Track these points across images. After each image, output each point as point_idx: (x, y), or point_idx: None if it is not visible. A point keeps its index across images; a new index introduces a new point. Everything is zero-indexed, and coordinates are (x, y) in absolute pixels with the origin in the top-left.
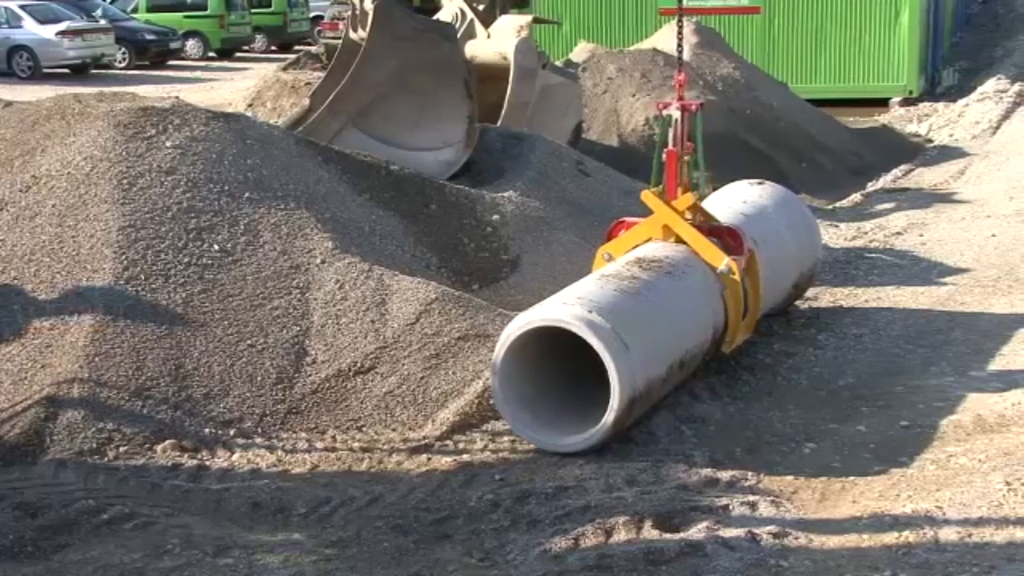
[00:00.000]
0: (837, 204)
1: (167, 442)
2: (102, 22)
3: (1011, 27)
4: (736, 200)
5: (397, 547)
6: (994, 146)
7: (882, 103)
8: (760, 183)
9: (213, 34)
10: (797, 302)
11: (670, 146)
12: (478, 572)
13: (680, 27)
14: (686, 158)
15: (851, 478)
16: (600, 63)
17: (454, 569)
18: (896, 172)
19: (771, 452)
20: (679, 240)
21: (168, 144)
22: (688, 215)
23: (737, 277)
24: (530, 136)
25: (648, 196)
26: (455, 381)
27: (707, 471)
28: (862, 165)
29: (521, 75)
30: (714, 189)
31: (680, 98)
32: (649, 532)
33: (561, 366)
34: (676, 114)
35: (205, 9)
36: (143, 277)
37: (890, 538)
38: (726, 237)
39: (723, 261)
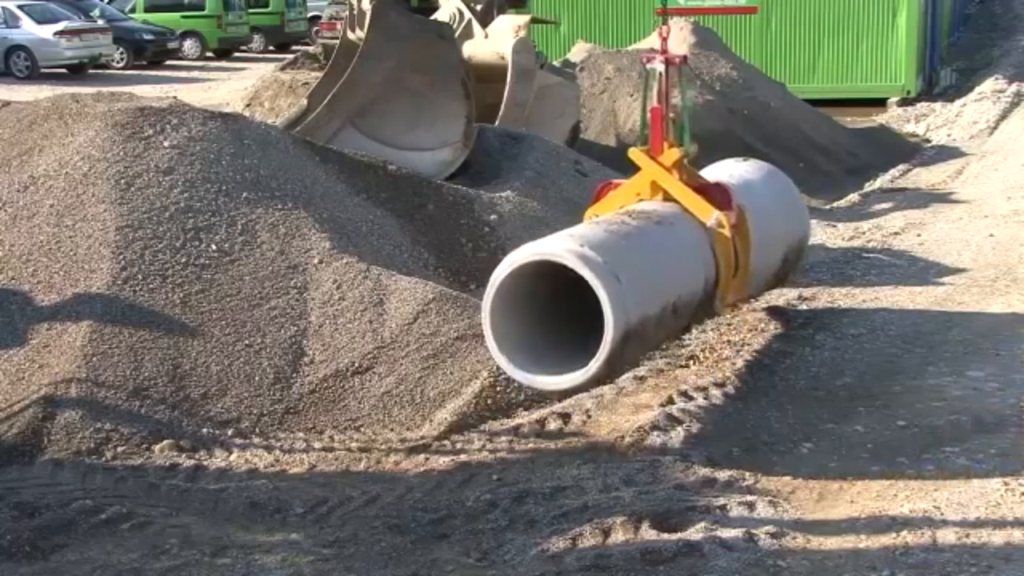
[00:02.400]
0: (835, 204)
1: (165, 442)
2: (100, 22)
3: (1009, 27)
4: (722, 174)
5: (394, 547)
6: (992, 146)
7: (880, 103)
8: (745, 159)
9: (211, 34)
10: (795, 302)
11: (654, 101)
12: (475, 572)
13: None
14: (671, 115)
15: (849, 478)
16: (598, 63)
17: (451, 569)
18: (894, 172)
19: (769, 452)
20: (667, 197)
21: (166, 144)
22: (675, 172)
23: (727, 232)
24: (528, 136)
25: (635, 153)
26: (453, 381)
27: (705, 471)
28: (860, 165)
29: (519, 75)
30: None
31: (664, 51)
32: (647, 532)
33: (554, 310)
34: (660, 67)
35: (203, 9)
36: (141, 277)
37: (888, 538)
38: (714, 194)
39: (712, 215)
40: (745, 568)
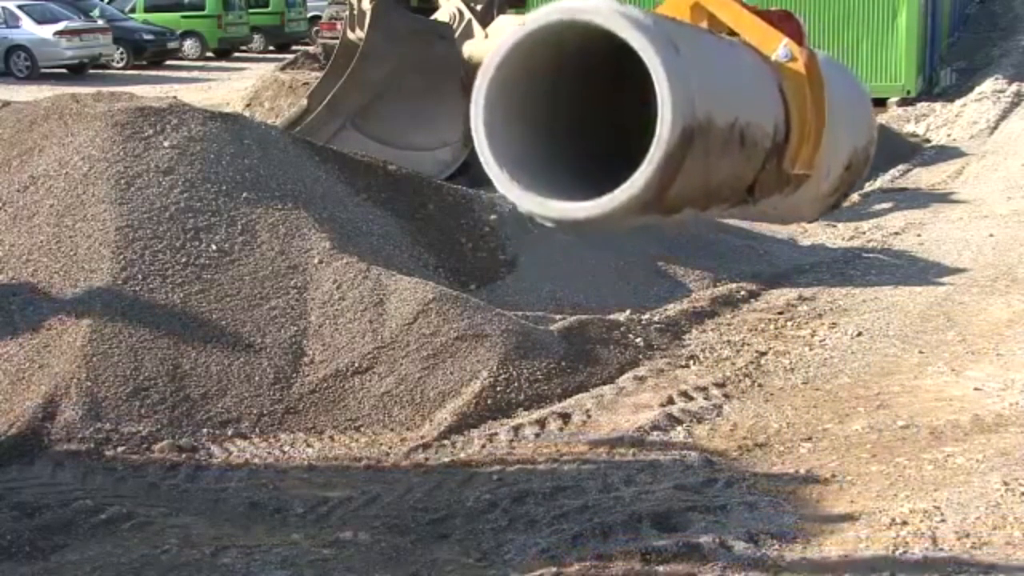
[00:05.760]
0: None
1: (165, 442)
2: (100, 22)
3: (1009, 27)
4: None
5: (394, 547)
6: (992, 146)
7: (880, 103)
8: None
9: (210, 34)
10: (795, 302)
11: None
12: (475, 572)
13: None
14: None
15: (848, 478)
16: None
17: (451, 569)
18: (894, 172)
19: (768, 452)
20: (715, 26)
21: (166, 144)
22: None
23: (800, 67)
24: None
25: None
26: (453, 381)
27: (705, 471)
28: None
29: None
30: None
31: None
32: (647, 532)
33: (573, 129)
34: None
35: (203, 9)
36: (141, 277)
37: (887, 538)
38: (779, 22)
39: (780, 43)
40: (745, 568)
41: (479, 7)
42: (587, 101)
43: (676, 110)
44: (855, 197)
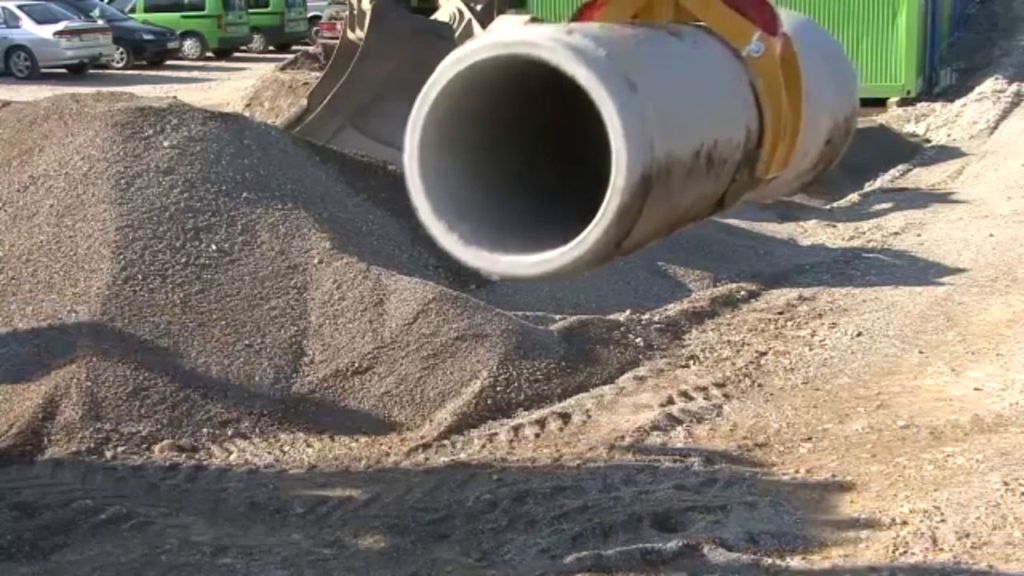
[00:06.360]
0: (835, 204)
1: (165, 442)
2: (100, 22)
3: (1009, 27)
4: None
5: (395, 547)
6: (992, 146)
7: (880, 103)
8: (785, 10)
9: (211, 34)
10: (795, 302)
11: None
12: (476, 572)
13: None
14: None
15: (848, 478)
16: None
17: (452, 569)
18: (894, 172)
19: (768, 452)
20: (681, 15)
21: (166, 144)
22: None
23: (775, 62)
24: None
25: None
26: (453, 381)
27: (705, 471)
28: (859, 165)
29: None
30: None
31: None
32: (647, 532)
33: (519, 172)
34: None
35: (202, 9)
36: (141, 277)
37: (887, 538)
38: (751, 11)
39: (752, 35)
40: (745, 568)
41: (479, 7)
42: (535, 136)
43: (632, 157)
44: (854, 198)
